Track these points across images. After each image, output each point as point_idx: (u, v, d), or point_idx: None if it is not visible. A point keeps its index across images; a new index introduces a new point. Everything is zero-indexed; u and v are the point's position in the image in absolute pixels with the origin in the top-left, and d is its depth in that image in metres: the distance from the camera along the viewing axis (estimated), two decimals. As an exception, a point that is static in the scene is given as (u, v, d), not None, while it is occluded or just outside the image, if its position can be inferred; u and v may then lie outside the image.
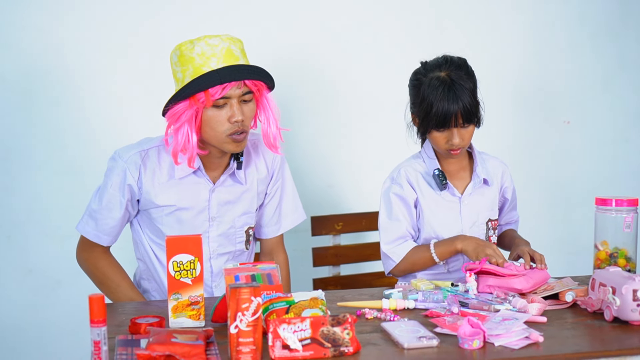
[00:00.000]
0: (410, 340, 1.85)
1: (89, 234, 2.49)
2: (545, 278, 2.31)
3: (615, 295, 2.01)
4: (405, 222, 2.49)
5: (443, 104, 2.36)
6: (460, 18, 3.45)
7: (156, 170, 2.44)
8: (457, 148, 2.41)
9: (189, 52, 2.32)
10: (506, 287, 2.23)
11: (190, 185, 2.45)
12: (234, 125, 2.33)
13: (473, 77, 2.44)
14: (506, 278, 2.24)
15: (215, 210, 2.49)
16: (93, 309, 1.74)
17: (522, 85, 3.54)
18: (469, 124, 2.40)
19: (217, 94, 2.29)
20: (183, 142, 2.33)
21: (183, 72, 2.33)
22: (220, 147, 2.38)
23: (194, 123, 2.33)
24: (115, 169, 2.44)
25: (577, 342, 1.91)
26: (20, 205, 3.09)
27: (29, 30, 3.04)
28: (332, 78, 3.32)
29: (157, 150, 2.46)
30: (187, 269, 2.00)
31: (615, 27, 3.61)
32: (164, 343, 1.74)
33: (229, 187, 2.50)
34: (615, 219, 2.31)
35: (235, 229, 2.53)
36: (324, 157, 3.34)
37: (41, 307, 3.12)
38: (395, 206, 2.50)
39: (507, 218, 2.68)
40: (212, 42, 2.32)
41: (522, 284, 2.23)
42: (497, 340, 1.86)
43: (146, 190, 2.43)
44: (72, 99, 3.09)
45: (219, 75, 2.28)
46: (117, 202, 2.45)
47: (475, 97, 2.41)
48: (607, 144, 3.66)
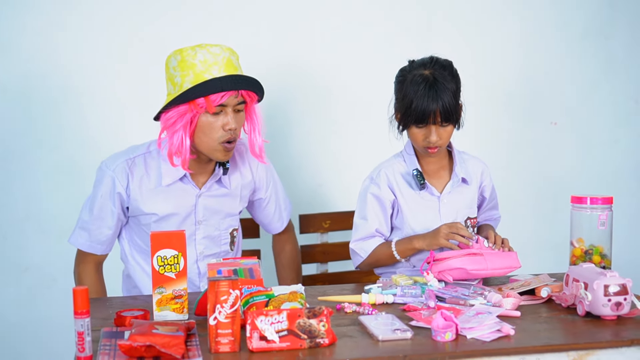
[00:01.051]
0: (385, 332, 1.91)
1: (83, 246, 2.56)
2: (510, 266, 2.35)
3: (587, 290, 2.06)
4: (376, 222, 2.56)
5: (423, 101, 2.42)
6: (450, 20, 3.49)
7: (143, 178, 2.51)
8: (435, 146, 2.47)
9: (191, 58, 2.38)
10: (448, 268, 2.30)
11: (177, 191, 2.52)
12: (227, 133, 2.40)
13: (457, 79, 2.50)
14: (445, 261, 2.31)
15: (202, 214, 2.56)
16: (77, 300, 1.80)
17: (509, 86, 3.58)
18: (447, 123, 2.45)
19: (217, 101, 2.36)
20: (177, 145, 2.40)
21: (182, 77, 2.38)
22: (209, 154, 2.45)
23: (188, 128, 2.40)
24: (103, 178, 2.51)
25: (548, 335, 1.96)
26: (17, 205, 3.15)
27: (28, 33, 3.09)
28: (321, 79, 3.37)
29: (143, 157, 2.53)
30: (170, 264, 2.06)
31: (602, 29, 3.65)
32: (145, 334, 1.80)
33: (215, 192, 2.57)
34: (590, 216, 2.36)
35: (220, 231, 2.61)
36: (312, 156, 3.40)
37: (37, 304, 3.18)
38: (369, 206, 2.58)
39: (485, 216, 2.73)
40: (214, 51, 2.39)
41: (462, 262, 2.29)
42: (469, 332, 1.92)
43: (134, 198, 2.50)
44: (69, 100, 3.15)
45: (221, 83, 2.35)
46: (109, 211, 2.52)
47: (457, 98, 2.47)
48: (595, 145, 3.70)
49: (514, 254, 2.36)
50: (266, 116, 2.59)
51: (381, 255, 2.55)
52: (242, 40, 3.18)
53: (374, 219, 2.57)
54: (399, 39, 3.44)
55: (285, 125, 3.31)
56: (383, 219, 2.58)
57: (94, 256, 2.58)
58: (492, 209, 2.73)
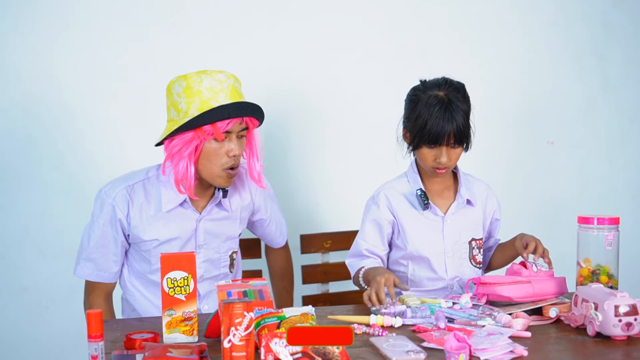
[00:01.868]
0: (399, 354, 1.90)
1: (90, 276, 2.55)
2: (558, 292, 2.34)
3: (597, 311, 2.06)
4: (369, 243, 2.57)
5: (438, 122, 2.42)
6: (446, 41, 3.51)
7: (143, 205, 2.50)
8: (444, 167, 2.48)
9: (197, 85, 2.38)
10: (497, 296, 2.28)
11: (177, 216, 2.52)
12: (230, 160, 2.41)
13: (468, 101, 2.51)
14: (493, 286, 2.29)
15: (202, 238, 2.56)
16: (91, 324, 1.79)
17: (506, 106, 3.60)
18: (459, 145, 2.47)
19: (222, 128, 2.37)
20: (182, 173, 2.40)
21: (188, 103, 2.38)
22: (211, 180, 2.45)
23: (193, 155, 2.40)
24: (104, 206, 2.50)
25: (560, 356, 1.97)
26: (15, 224, 3.12)
27: (24, 52, 3.08)
28: (320, 99, 3.38)
29: (142, 184, 2.52)
30: (180, 286, 2.05)
31: (598, 48, 3.68)
32: (159, 357, 1.78)
33: (215, 215, 2.57)
34: (597, 236, 2.37)
35: (220, 254, 2.61)
36: (310, 176, 3.40)
37: (35, 325, 3.15)
38: (367, 225, 2.60)
39: (494, 240, 2.74)
40: (219, 78, 2.40)
41: (512, 292, 2.28)
42: (482, 354, 1.91)
43: (134, 225, 2.49)
44: (67, 119, 3.14)
45: (228, 110, 2.36)
46: (112, 238, 2.51)
47: (468, 120, 2.48)
48: (591, 164, 3.73)
49: (562, 280, 2.36)
50: (264, 136, 2.61)
51: (356, 280, 2.55)
52: (239, 62, 3.20)
53: (366, 239, 2.58)
54: (394, 62, 3.45)
55: (283, 146, 3.31)
56: (379, 239, 2.58)
57: (103, 285, 2.57)
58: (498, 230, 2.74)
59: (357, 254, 2.59)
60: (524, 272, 2.35)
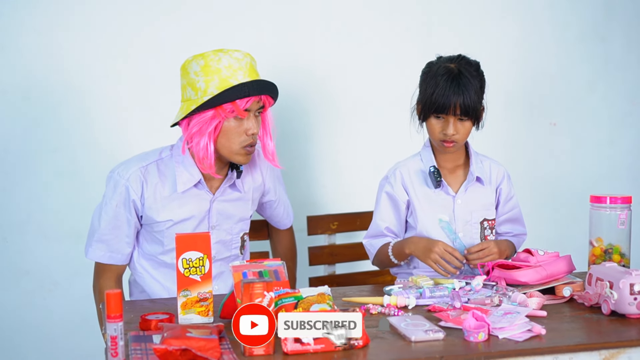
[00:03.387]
0: (417, 333, 1.90)
1: (103, 258, 2.52)
2: (567, 270, 2.33)
3: (612, 289, 2.07)
4: (387, 221, 2.58)
5: (445, 91, 2.43)
6: (448, 23, 3.50)
7: (158, 185, 2.49)
8: (451, 140, 2.47)
9: (215, 63, 2.36)
10: (514, 281, 2.28)
11: (191, 197, 2.51)
12: (249, 138, 2.41)
13: (482, 78, 2.51)
14: (510, 272, 2.29)
15: (215, 219, 2.55)
16: (110, 304, 1.77)
17: (509, 88, 3.60)
18: (465, 118, 2.45)
19: (243, 106, 2.36)
20: (203, 152, 2.39)
21: (207, 82, 2.36)
22: (230, 157, 2.44)
23: (213, 133, 2.39)
24: (117, 187, 2.47)
25: (577, 334, 1.97)
26: (18, 207, 3.09)
27: (29, 33, 3.05)
28: (327, 80, 3.36)
29: (156, 165, 2.51)
30: (196, 266, 2.04)
31: (600, 30, 3.68)
32: (179, 337, 1.77)
33: (228, 196, 2.57)
34: (609, 216, 2.37)
35: (232, 235, 2.60)
36: (316, 157, 3.38)
37: (38, 308, 3.12)
38: (382, 204, 2.60)
39: (503, 228, 2.66)
40: (237, 56, 2.40)
41: (529, 276, 2.27)
42: (501, 332, 1.91)
43: (148, 206, 2.48)
44: (71, 101, 3.10)
45: (248, 88, 2.35)
46: (124, 220, 2.49)
47: (479, 96, 2.48)
48: (593, 146, 3.73)
49: (568, 257, 2.35)
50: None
51: (382, 255, 2.56)
52: (247, 41, 3.17)
53: (384, 217, 2.59)
54: (401, 43, 3.44)
55: (289, 126, 3.29)
56: (395, 218, 2.58)
57: (114, 267, 2.55)
58: (509, 223, 2.66)
59: (377, 233, 2.59)
60: (531, 259, 2.34)
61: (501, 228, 2.65)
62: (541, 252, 2.36)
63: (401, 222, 2.59)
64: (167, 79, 3.05)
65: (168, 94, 2.99)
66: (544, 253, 2.36)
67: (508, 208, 2.64)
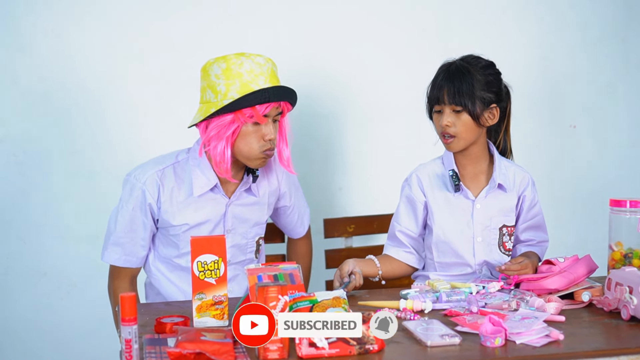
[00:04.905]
0: (433, 338, 1.88)
1: (118, 261, 2.52)
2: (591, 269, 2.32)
3: (632, 294, 2.04)
4: (402, 224, 2.58)
5: (438, 81, 2.47)
6: (469, 22, 3.47)
7: (174, 189, 2.49)
8: (448, 133, 2.45)
9: (237, 67, 2.36)
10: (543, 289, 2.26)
11: (207, 201, 2.50)
12: (267, 143, 2.41)
13: (487, 74, 2.49)
14: (538, 281, 2.27)
15: (230, 223, 2.54)
16: (125, 307, 1.77)
17: (528, 89, 3.56)
18: (460, 108, 2.43)
19: (262, 111, 2.36)
20: (220, 155, 2.39)
21: (227, 85, 2.36)
22: (247, 162, 2.44)
23: (231, 137, 2.39)
24: (134, 190, 2.48)
25: (596, 339, 1.95)
26: (35, 209, 3.10)
27: (44, 35, 3.06)
28: (343, 83, 3.35)
29: (172, 168, 2.51)
30: (211, 269, 2.03)
31: (620, 31, 3.63)
32: (194, 341, 1.77)
33: (244, 200, 2.56)
34: (629, 220, 2.33)
35: (247, 239, 2.59)
36: (333, 160, 3.37)
37: (56, 310, 3.13)
38: (401, 207, 2.60)
39: (525, 235, 2.61)
40: (259, 61, 2.40)
41: (557, 283, 2.25)
42: (518, 338, 1.89)
43: (164, 210, 2.48)
44: (87, 103, 3.11)
45: (268, 93, 2.35)
46: (140, 223, 2.49)
47: (482, 90, 2.45)
48: (613, 148, 3.68)
49: (588, 257, 2.33)
50: (288, 118, 2.58)
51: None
52: (263, 41, 3.17)
53: (400, 220, 2.59)
54: (417, 44, 3.41)
55: (305, 129, 3.28)
56: (413, 219, 2.57)
57: (128, 270, 2.55)
58: (532, 230, 2.62)
59: (391, 236, 2.61)
60: (554, 268, 2.32)
61: (523, 235, 2.61)
62: (561, 259, 2.33)
63: (418, 223, 2.57)
64: (184, 79, 3.05)
65: (184, 94, 2.99)
66: (564, 259, 2.33)
67: (531, 215, 2.60)
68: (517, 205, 2.57)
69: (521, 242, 2.61)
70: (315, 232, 3.03)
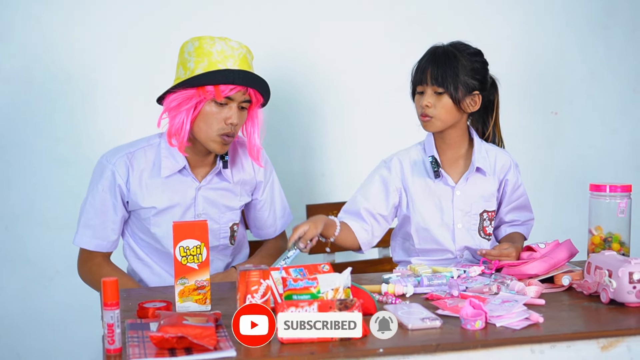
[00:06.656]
0: (414, 321, 1.90)
1: (89, 244, 2.52)
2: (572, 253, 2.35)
3: (611, 278, 2.06)
4: (370, 203, 2.54)
5: (422, 63, 2.49)
6: (452, 11, 3.48)
7: (144, 171, 2.49)
8: (426, 114, 2.46)
9: (209, 47, 2.38)
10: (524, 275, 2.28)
11: (176, 184, 2.51)
12: (227, 127, 2.41)
13: (473, 60, 2.52)
14: (519, 267, 2.29)
15: (201, 207, 2.54)
16: (106, 292, 1.77)
17: (510, 77, 3.56)
18: (441, 90, 2.44)
19: (225, 92, 2.36)
20: (177, 127, 2.39)
21: (196, 62, 2.37)
22: (206, 144, 2.44)
23: (191, 113, 2.39)
24: (104, 172, 2.48)
25: (575, 322, 1.97)
26: (19, 197, 3.10)
27: (28, 24, 3.05)
28: (325, 70, 3.36)
29: (143, 151, 2.52)
30: (193, 254, 2.03)
31: (602, 20, 3.66)
32: (176, 325, 1.77)
33: (215, 185, 2.56)
34: (609, 204, 2.36)
35: (220, 224, 2.59)
36: (316, 146, 3.38)
37: (39, 297, 3.14)
38: (374, 185, 2.57)
39: (510, 217, 2.64)
40: (232, 45, 2.40)
41: (537, 268, 2.27)
42: (498, 321, 1.91)
43: (134, 192, 2.48)
44: (72, 91, 3.11)
45: (233, 75, 2.35)
46: (110, 205, 2.49)
47: (463, 74, 2.46)
48: (595, 135, 3.71)
49: (568, 242, 2.35)
50: (268, 107, 2.58)
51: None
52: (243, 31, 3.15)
53: (369, 198, 2.55)
54: (401, 32, 3.43)
55: (288, 115, 3.29)
56: (383, 202, 2.56)
57: (99, 255, 2.55)
58: (515, 210, 2.64)
59: (354, 212, 2.56)
60: (535, 255, 2.34)
61: (508, 217, 2.64)
62: (542, 245, 2.35)
63: (387, 207, 2.56)
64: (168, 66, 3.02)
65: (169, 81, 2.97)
66: (545, 245, 2.35)
67: (515, 197, 2.62)
68: (499, 190, 2.58)
69: (505, 222, 2.64)
70: (298, 219, 3.03)
